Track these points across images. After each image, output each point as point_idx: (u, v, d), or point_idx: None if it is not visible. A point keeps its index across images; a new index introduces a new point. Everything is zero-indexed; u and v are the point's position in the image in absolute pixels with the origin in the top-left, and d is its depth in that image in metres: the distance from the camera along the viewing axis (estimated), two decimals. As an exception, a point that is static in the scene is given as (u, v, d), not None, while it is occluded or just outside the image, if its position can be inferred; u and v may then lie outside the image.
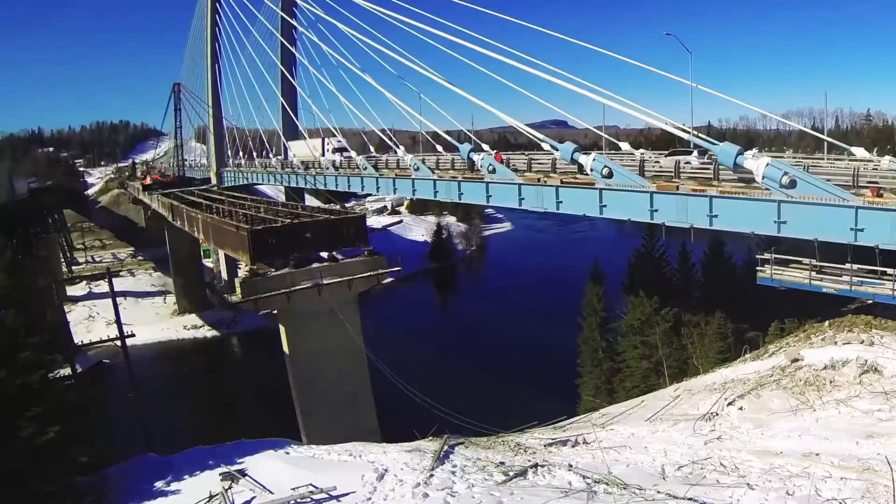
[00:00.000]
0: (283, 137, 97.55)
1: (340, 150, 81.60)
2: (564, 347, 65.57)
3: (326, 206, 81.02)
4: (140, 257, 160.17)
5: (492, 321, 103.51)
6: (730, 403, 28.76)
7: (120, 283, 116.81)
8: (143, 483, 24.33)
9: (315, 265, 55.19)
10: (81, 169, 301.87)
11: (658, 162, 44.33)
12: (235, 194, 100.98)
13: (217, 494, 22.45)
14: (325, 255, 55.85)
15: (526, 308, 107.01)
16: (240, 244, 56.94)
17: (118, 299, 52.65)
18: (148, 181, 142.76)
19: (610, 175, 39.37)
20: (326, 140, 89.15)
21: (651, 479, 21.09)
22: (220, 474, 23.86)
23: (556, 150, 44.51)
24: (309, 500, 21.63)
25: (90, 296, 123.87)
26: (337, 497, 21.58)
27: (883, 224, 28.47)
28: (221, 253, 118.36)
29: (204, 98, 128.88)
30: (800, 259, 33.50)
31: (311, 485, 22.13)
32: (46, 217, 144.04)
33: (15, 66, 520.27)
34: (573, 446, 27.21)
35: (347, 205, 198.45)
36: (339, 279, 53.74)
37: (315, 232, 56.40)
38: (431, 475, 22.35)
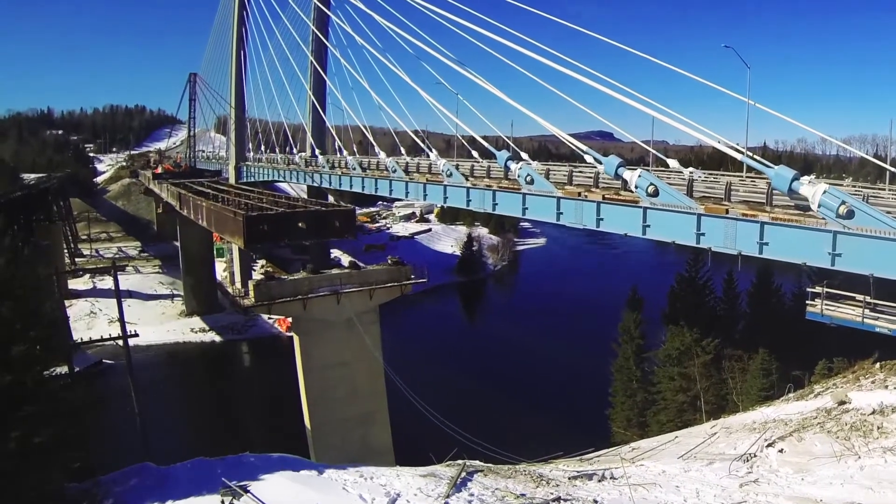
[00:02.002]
0: (308, 133, 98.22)
1: None
2: (596, 374, 65.74)
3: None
4: (147, 254, 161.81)
5: (519, 341, 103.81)
6: (769, 445, 28.82)
7: (125, 281, 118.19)
8: (138, 493, 24.41)
9: (335, 271, 55.97)
10: (91, 154, 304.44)
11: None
12: (243, 186, 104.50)
13: (216, 511, 22.65)
14: (346, 261, 56.65)
15: (557, 330, 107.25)
16: (236, 229, 62.19)
17: (122, 297, 53.34)
18: (159, 170, 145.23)
19: (655, 193, 39.43)
20: None
21: (680, 520, 21.33)
22: (220, 489, 23.66)
23: (600, 163, 44.36)
24: (315, 522, 21.85)
25: (94, 292, 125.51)
26: (344, 521, 21.86)
27: (945, 263, 28.50)
28: (235, 252, 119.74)
29: (222, 90, 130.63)
30: (853, 295, 33.42)
31: (317, 506, 22.32)
32: (51, 203, 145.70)
33: (25, 39, 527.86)
34: (599, 481, 27.39)
35: (374, 209, 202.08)
36: (360, 288, 54.29)
37: (307, 221, 61.80)
38: (446, 503, 22.65)
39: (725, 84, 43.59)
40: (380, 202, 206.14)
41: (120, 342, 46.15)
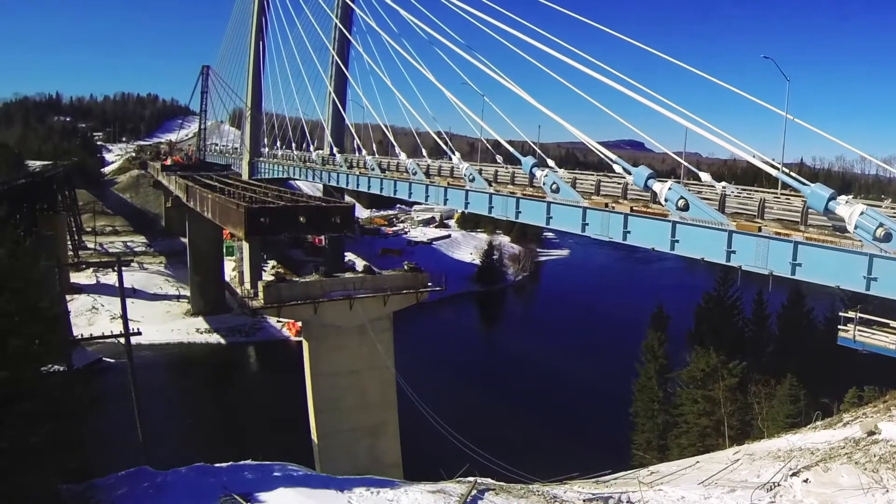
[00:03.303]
0: (327, 130, 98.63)
1: None
2: (617, 393, 65.78)
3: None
4: (154, 250, 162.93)
5: (537, 356, 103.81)
6: (794, 474, 28.86)
7: (130, 277, 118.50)
8: (135, 498, 24.65)
9: (348, 275, 56.23)
10: (100, 143, 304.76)
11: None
12: (250, 181, 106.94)
13: (216, 520, 22.78)
14: (360, 265, 56.99)
15: (577, 345, 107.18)
16: (238, 220, 66.94)
17: (126, 295, 53.55)
18: (168, 162, 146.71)
19: (686, 207, 39.58)
20: None
21: (697, 548, 21.42)
22: (220, 498, 23.91)
23: (629, 173, 44.71)
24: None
25: (97, 287, 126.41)
26: (348, 537, 22.11)
27: None
28: (245, 251, 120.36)
29: (238, 82, 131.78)
30: (888, 321, 33.39)
31: (321, 520, 22.51)
32: (56, 193, 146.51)
33: (34, 20, 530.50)
34: (615, 504, 27.54)
35: (392, 212, 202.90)
36: (374, 294, 54.53)
37: (307, 216, 66.93)
38: (455, 520, 22.83)
39: (763, 96, 43.64)
40: (398, 205, 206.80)
41: (121, 340, 46.37)
